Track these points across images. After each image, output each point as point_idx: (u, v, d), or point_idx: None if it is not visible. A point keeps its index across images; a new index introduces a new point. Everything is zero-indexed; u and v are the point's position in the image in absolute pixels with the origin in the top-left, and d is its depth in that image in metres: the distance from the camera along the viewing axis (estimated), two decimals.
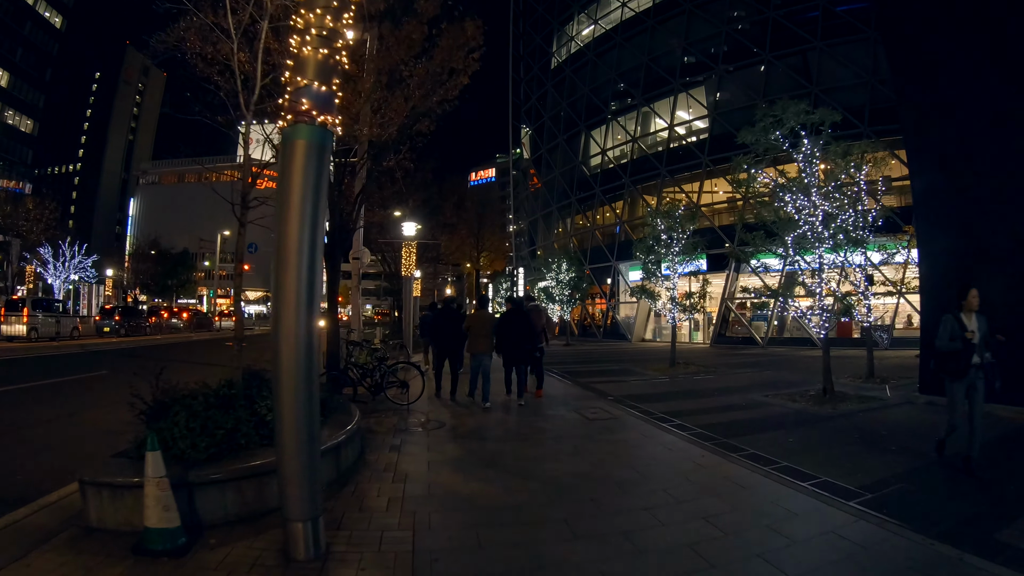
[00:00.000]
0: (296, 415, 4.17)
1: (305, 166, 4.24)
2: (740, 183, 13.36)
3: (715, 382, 15.14)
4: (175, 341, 32.07)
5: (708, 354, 25.28)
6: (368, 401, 11.08)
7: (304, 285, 4.16)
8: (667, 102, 36.53)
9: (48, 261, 50.34)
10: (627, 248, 36.21)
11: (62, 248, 51.64)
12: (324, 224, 4.57)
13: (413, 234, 20.51)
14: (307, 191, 4.23)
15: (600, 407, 10.64)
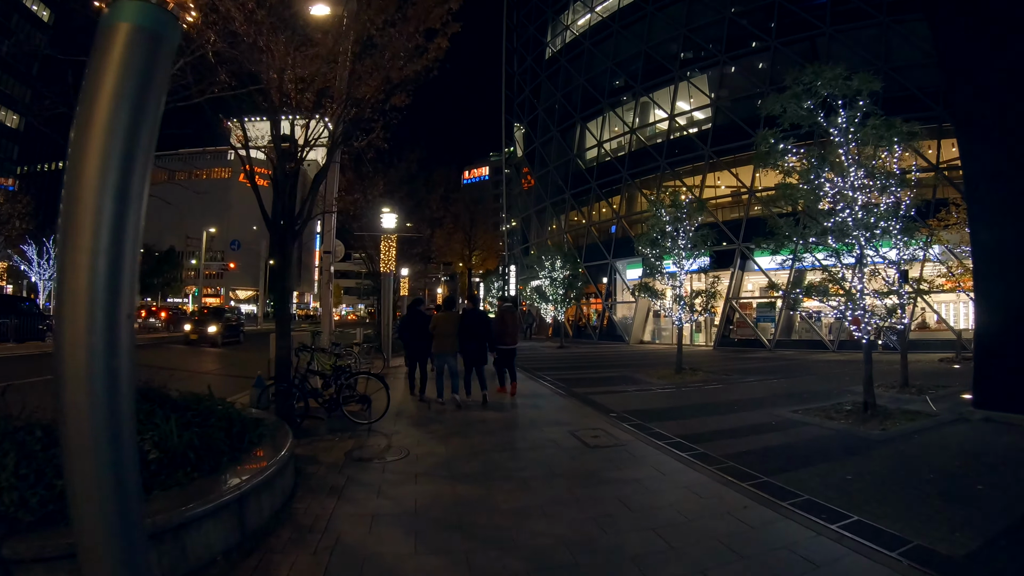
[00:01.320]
0: (94, 476, 2.29)
1: (125, 66, 2.37)
2: (765, 158, 11.52)
3: (730, 392, 13.31)
4: (145, 342, 30.05)
5: (713, 358, 23.46)
6: (324, 418, 9.24)
7: (105, 267, 2.29)
8: (667, 92, 34.77)
9: (32, 259, 49.00)
10: (625, 245, 34.46)
11: (47, 245, 50.00)
12: (148, 168, 2.56)
13: (393, 226, 18.62)
14: (125, 107, 2.36)
15: (601, 428, 8.77)
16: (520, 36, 51.66)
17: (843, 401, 10.99)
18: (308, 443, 7.90)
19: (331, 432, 8.59)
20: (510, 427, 8.86)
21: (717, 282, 16.77)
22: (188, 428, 5.30)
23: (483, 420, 9.37)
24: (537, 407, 10.67)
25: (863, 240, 10.17)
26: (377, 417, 9.03)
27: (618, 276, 35.98)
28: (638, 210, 36.08)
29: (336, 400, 9.21)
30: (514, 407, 10.77)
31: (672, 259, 16.34)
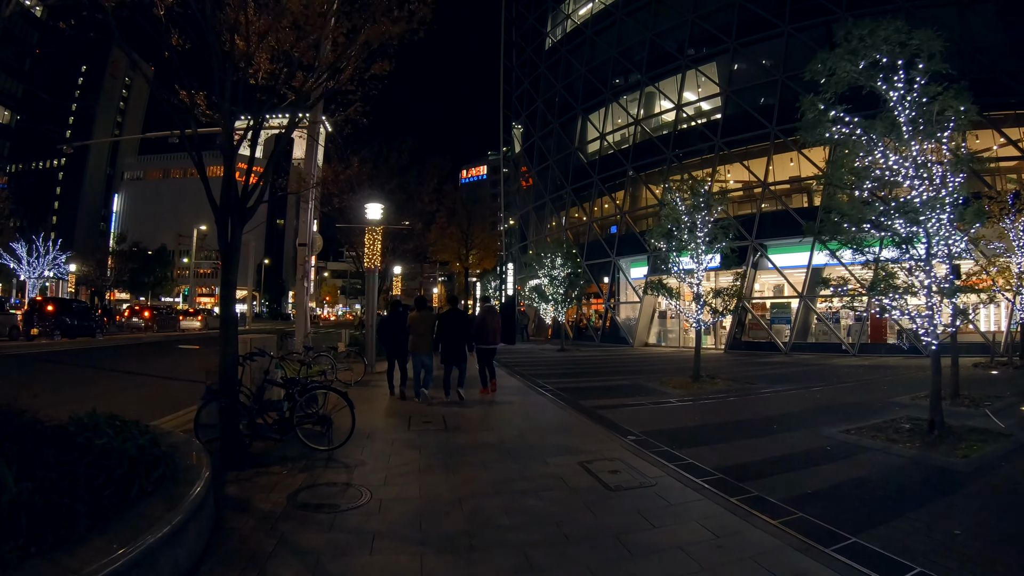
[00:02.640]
0: None
1: None
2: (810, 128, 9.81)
3: (761, 405, 11.55)
4: (124, 343, 28.29)
5: (726, 362, 21.69)
6: (280, 439, 7.48)
7: None
8: (673, 81, 33.04)
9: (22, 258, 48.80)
10: (629, 242, 32.73)
11: (36, 244, 50.25)
12: None
13: (378, 217, 16.85)
14: None
15: (620, 458, 7.00)
16: (519, 28, 49.90)
17: (897, 417, 9.26)
18: (247, 479, 6.21)
19: (281, 461, 6.86)
20: (505, 456, 7.08)
21: (738, 279, 15.01)
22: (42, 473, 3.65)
23: (471, 446, 7.60)
24: (538, 426, 8.91)
25: (932, 225, 8.39)
26: (340, 442, 7.26)
27: (622, 275, 34.20)
28: (643, 205, 34.33)
29: (288, 421, 7.43)
30: (509, 424, 9.02)
31: (689, 254, 14.59)
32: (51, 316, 27.47)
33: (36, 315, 27.36)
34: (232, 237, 8.13)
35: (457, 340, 11.36)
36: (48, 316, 27.42)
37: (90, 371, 15.99)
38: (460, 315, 11.85)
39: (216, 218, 8.07)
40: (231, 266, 8.10)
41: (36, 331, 26.70)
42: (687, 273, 14.71)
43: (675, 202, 14.81)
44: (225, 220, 8.01)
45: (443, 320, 11.53)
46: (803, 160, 27.57)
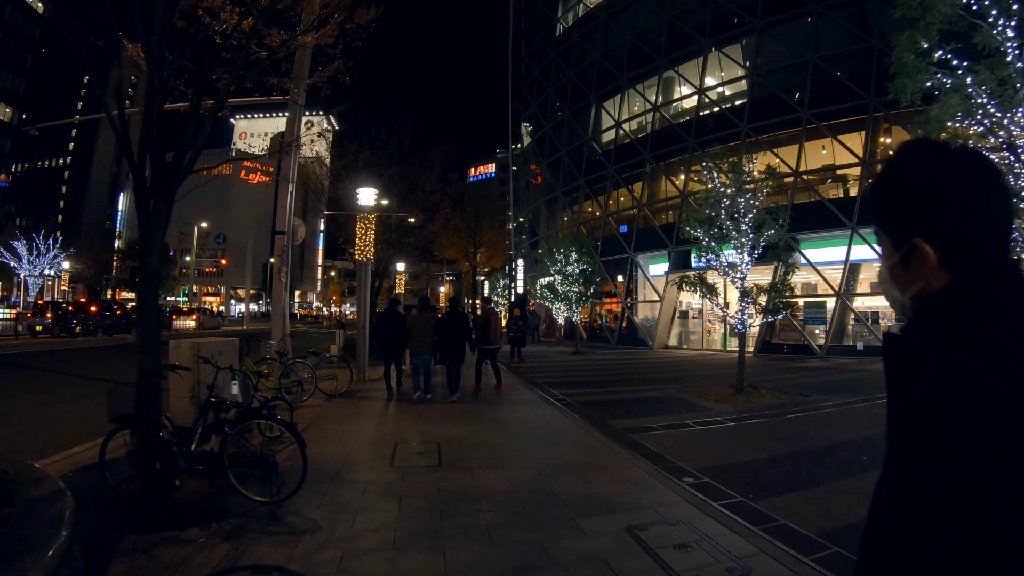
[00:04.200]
0: None
1: None
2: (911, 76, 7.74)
3: (827, 426, 9.42)
4: (112, 344, 26.43)
5: (760, 368, 19.45)
6: (212, 484, 5.49)
7: None
8: (694, 64, 30.83)
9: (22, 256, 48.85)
10: (647, 237, 30.56)
11: (36, 242, 49.99)
12: None
13: (371, 204, 14.80)
14: None
15: (683, 518, 4.89)
16: (528, 16, 47.72)
17: None
18: (147, 549, 4.36)
19: (206, 518, 4.89)
20: (518, 516, 4.98)
21: (789, 273, 12.91)
22: None
23: (471, 496, 5.50)
24: (560, 459, 6.80)
25: None
26: (289, 492, 5.19)
27: (639, 272, 31.94)
28: (662, 197, 32.07)
29: (216, 459, 5.38)
30: (522, 457, 6.92)
31: (731, 244, 12.50)
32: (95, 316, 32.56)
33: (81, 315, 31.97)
34: (155, 210, 6.11)
35: (456, 341, 11.40)
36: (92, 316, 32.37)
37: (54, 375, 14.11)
38: (459, 317, 11.90)
39: (135, 184, 6.08)
40: (151, 248, 6.09)
41: (79, 328, 30.60)
42: (730, 267, 12.59)
43: (715, 182, 12.72)
44: (145, 188, 6.01)
45: (442, 322, 11.62)
46: (837, 147, 25.40)
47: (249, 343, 10.13)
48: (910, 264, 1.03)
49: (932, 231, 0.99)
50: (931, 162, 1.02)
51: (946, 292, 0.99)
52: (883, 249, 1.10)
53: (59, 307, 33.21)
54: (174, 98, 7.57)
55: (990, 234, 0.98)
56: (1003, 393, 0.84)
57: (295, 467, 5.38)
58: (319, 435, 7.96)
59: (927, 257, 0.99)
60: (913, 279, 1.03)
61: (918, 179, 1.02)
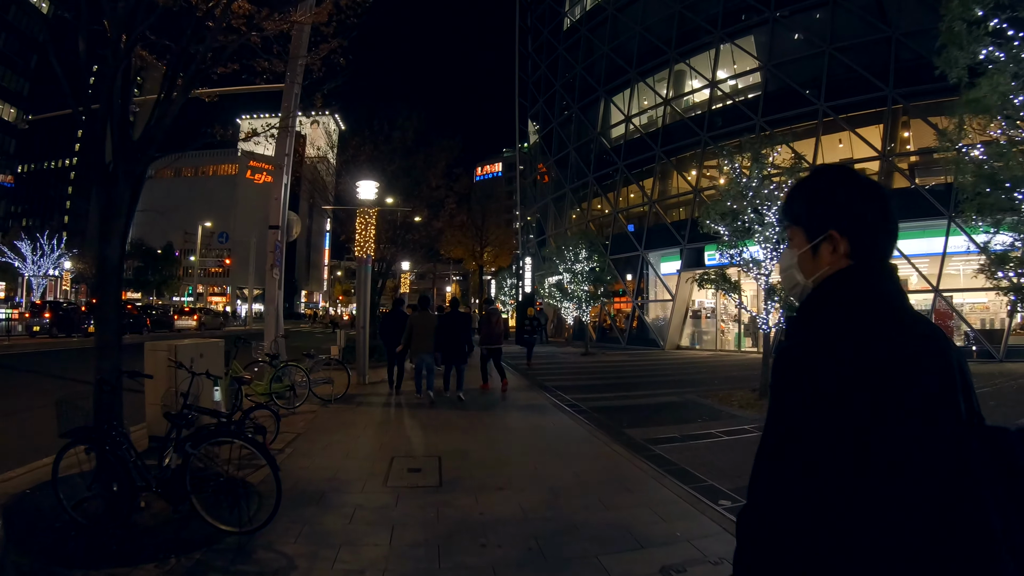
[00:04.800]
0: None
1: None
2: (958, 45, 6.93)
3: None
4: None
5: None
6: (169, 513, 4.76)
7: None
8: (706, 57, 29.90)
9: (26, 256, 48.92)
10: (659, 234, 29.68)
11: (40, 242, 49.96)
12: None
13: (372, 198, 14.06)
14: None
15: (722, 552, 4.06)
16: (534, 11, 46.87)
17: None
18: None
19: (164, 551, 4.22)
20: (531, 552, 4.21)
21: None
22: None
23: (476, 526, 4.73)
24: (576, 477, 6.01)
25: None
26: (263, 521, 4.43)
27: (651, 270, 31.04)
28: (674, 193, 31.20)
29: (178, 482, 4.62)
30: (533, 475, 6.15)
31: (752, 241, 11.71)
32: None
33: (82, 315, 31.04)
34: (116, 194, 5.37)
35: (456, 341, 11.32)
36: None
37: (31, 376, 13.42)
38: (460, 317, 11.93)
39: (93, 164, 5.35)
40: (111, 237, 5.34)
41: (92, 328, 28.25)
42: (754, 263, 11.79)
43: (737, 172, 11.93)
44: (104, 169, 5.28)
45: (443, 322, 11.56)
46: (855, 140, 24.53)
47: (237, 345, 9.38)
48: (819, 253, 1.31)
49: (844, 226, 1.28)
50: (849, 179, 1.34)
51: (840, 274, 1.26)
52: (795, 240, 1.37)
53: (59, 307, 32.90)
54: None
55: (884, 237, 1.29)
56: (810, 371, 1.13)
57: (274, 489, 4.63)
58: (308, 447, 7.23)
59: (837, 245, 1.28)
60: (819, 265, 1.31)
61: (838, 189, 1.32)
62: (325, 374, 11.14)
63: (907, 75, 23.14)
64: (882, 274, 1.25)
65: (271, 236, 11.27)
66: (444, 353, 11.31)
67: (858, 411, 1.08)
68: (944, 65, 8.05)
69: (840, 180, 1.33)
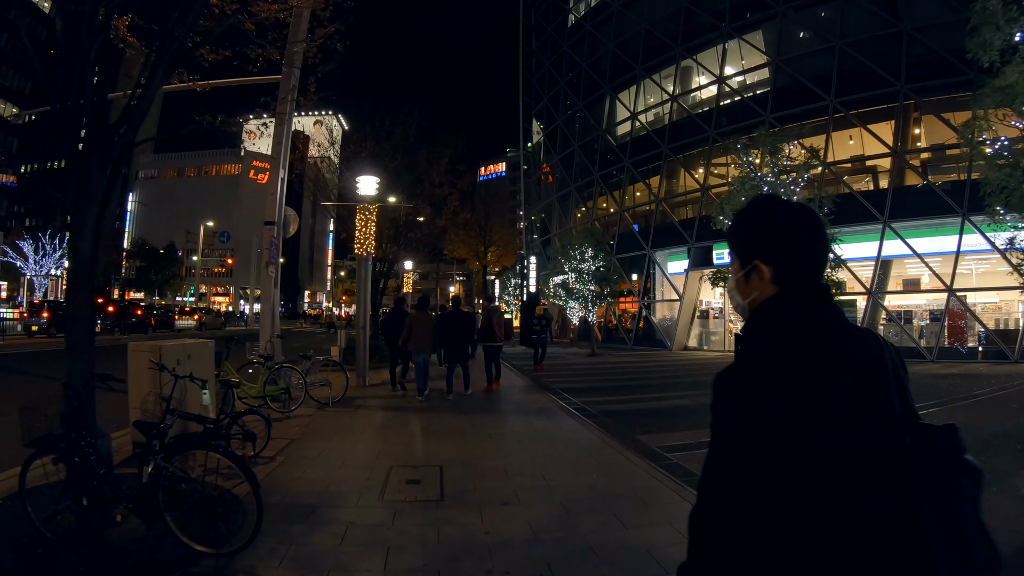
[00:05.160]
0: None
1: None
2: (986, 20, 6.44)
3: None
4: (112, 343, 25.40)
5: None
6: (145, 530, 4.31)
7: None
8: (713, 52, 29.44)
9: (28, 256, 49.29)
10: (666, 233, 29.21)
11: (43, 242, 50.14)
12: None
13: (372, 194, 13.61)
14: None
15: None
16: (538, 8, 46.36)
17: None
18: None
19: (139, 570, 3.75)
20: None
21: (837, 267, 11.62)
22: None
23: (481, 548, 4.26)
24: (589, 490, 5.53)
25: None
26: (244, 542, 3.97)
27: (657, 269, 30.53)
28: (681, 191, 30.71)
29: (150, 498, 4.17)
30: (543, 487, 5.68)
31: None
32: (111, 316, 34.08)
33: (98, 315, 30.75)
34: (88, 181, 4.93)
35: (459, 340, 11.43)
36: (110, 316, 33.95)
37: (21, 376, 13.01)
38: (462, 315, 12.01)
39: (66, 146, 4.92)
40: (82, 228, 4.91)
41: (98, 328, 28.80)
42: None
43: (751, 171, 11.47)
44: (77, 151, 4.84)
45: (444, 321, 11.60)
46: (867, 137, 24.03)
47: (229, 346, 8.93)
48: (750, 279, 1.41)
49: (767, 257, 1.36)
50: (773, 210, 1.39)
51: (768, 301, 1.37)
52: (733, 266, 1.47)
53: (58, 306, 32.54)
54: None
55: (807, 264, 1.36)
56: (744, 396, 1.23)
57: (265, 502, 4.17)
58: (301, 455, 6.77)
59: (763, 274, 1.37)
60: (752, 290, 1.41)
61: (762, 221, 1.39)
62: (323, 376, 10.69)
63: (919, 70, 22.70)
64: (809, 296, 1.34)
65: (266, 232, 10.83)
66: (447, 352, 11.43)
67: (788, 419, 1.18)
68: (976, 48, 7.55)
69: (766, 212, 1.40)
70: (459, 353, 11.45)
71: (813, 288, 1.34)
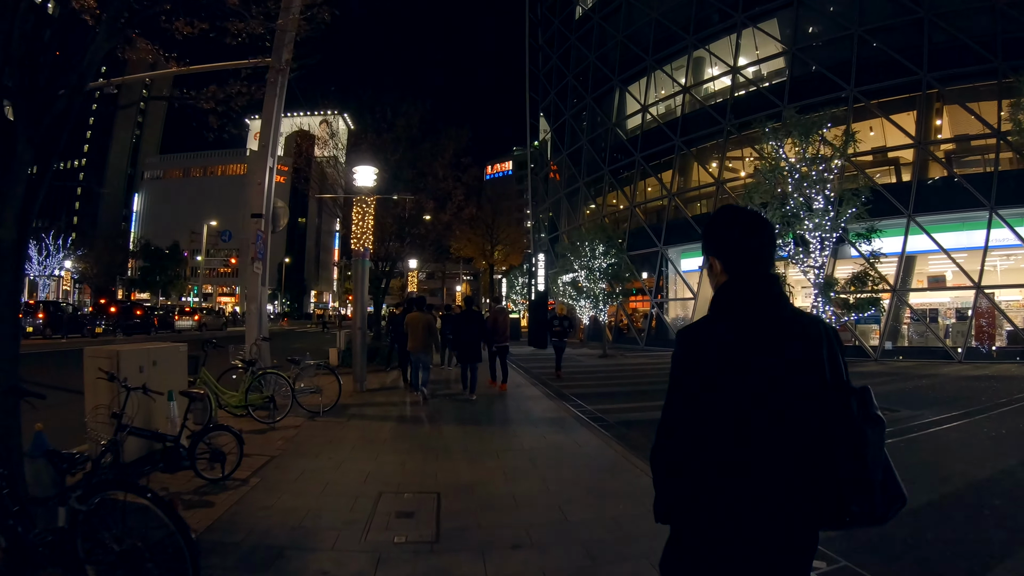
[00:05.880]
0: None
1: None
2: None
3: (955, 453, 7.16)
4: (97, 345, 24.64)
5: None
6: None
7: None
8: (726, 42, 28.37)
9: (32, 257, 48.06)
10: (679, 229, 28.16)
11: (46, 243, 49.77)
12: None
13: (369, 185, 12.71)
14: None
15: None
16: (545, 1, 45.34)
17: None
18: None
19: None
20: None
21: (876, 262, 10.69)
22: None
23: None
24: (620, 534, 4.56)
25: None
26: None
27: (670, 267, 29.49)
28: (695, 185, 29.67)
29: (63, 547, 3.26)
30: (564, 525, 4.74)
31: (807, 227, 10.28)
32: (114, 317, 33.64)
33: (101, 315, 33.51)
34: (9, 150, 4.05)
35: (473, 339, 11.55)
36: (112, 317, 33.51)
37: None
38: (475, 315, 12.09)
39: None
40: (3, 211, 4.03)
41: (100, 329, 31.23)
42: (803, 253, 10.38)
43: (778, 153, 10.53)
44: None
45: (459, 321, 12.01)
46: (888, 127, 23.01)
47: (207, 349, 8.02)
48: (712, 270, 1.85)
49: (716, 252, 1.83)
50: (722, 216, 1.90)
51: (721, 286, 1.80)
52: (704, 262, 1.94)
53: (56, 307, 32.30)
54: None
55: (744, 258, 1.78)
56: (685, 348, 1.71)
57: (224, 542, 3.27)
58: (278, 477, 5.89)
59: (715, 266, 1.83)
60: (713, 278, 1.85)
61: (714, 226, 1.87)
62: (314, 382, 9.79)
63: (941, 58, 21.73)
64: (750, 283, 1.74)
65: (252, 225, 9.94)
66: (460, 352, 11.73)
67: (703, 383, 1.64)
68: None
69: (716, 218, 1.91)
70: (474, 354, 11.52)
71: (759, 276, 1.76)
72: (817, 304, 10.32)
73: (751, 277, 1.72)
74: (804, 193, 10.25)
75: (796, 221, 10.26)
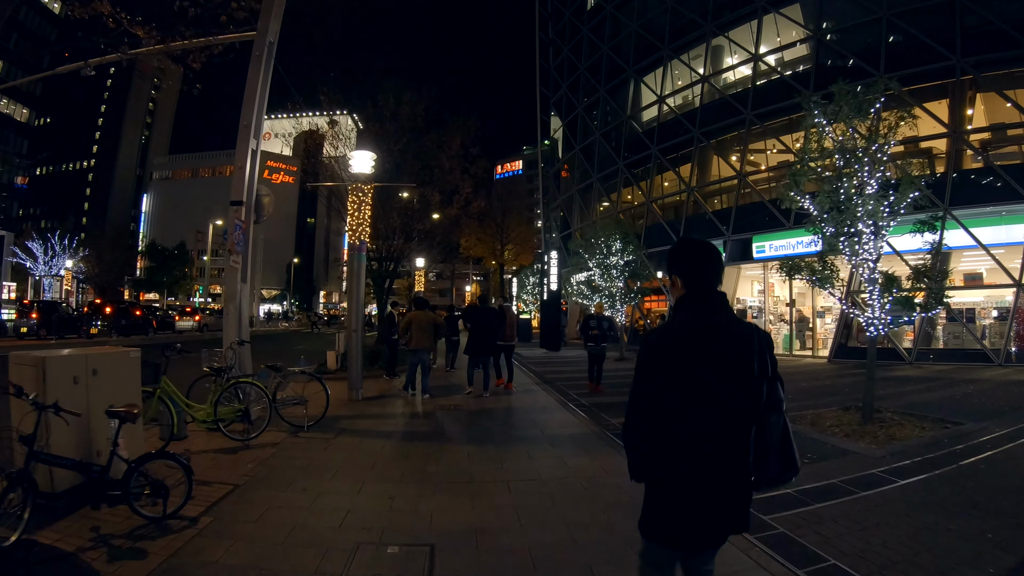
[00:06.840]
0: None
1: None
2: None
3: None
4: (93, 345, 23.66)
5: (848, 379, 15.74)
6: None
7: None
8: (747, 29, 26.98)
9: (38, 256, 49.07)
10: (698, 224, 26.92)
11: (52, 242, 50.01)
12: None
13: (367, 172, 11.54)
14: None
15: None
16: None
17: None
18: None
19: None
20: None
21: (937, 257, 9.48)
22: None
23: None
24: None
25: None
26: None
27: None
28: (714, 178, 28.33)
29: None
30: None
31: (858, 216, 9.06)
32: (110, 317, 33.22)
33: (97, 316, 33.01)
34: None
35: (487, 334, 11.67)
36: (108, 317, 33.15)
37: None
38: (489, 311, 12.38)
39: None
40: None
41: (95, 330, 30.51)
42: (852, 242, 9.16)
43: (826, 130, 9.33)
44: None
45: (473, 315, 12.03)
46: (921, 114, 21.61)
47: (167, 355, 6.87)
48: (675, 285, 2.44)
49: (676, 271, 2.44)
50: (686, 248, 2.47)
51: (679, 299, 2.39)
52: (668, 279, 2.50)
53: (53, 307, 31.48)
54: None
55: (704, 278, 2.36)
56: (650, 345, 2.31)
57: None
58: (236, 516, 4.73)
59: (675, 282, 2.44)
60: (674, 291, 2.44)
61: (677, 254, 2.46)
62: (300, 390, 8.60)
63: (975, 43, 20.40)
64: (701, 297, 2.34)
65: (232, 214, 8.80)
66: (474, 346, 11.64)
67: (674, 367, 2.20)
68: None
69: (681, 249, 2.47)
70: (487, 347, 11.73)
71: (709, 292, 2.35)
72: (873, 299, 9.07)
73: (703, 292, 2.35)
74: (857, 176, 9.01)
75: (849, 207, 9.01)
